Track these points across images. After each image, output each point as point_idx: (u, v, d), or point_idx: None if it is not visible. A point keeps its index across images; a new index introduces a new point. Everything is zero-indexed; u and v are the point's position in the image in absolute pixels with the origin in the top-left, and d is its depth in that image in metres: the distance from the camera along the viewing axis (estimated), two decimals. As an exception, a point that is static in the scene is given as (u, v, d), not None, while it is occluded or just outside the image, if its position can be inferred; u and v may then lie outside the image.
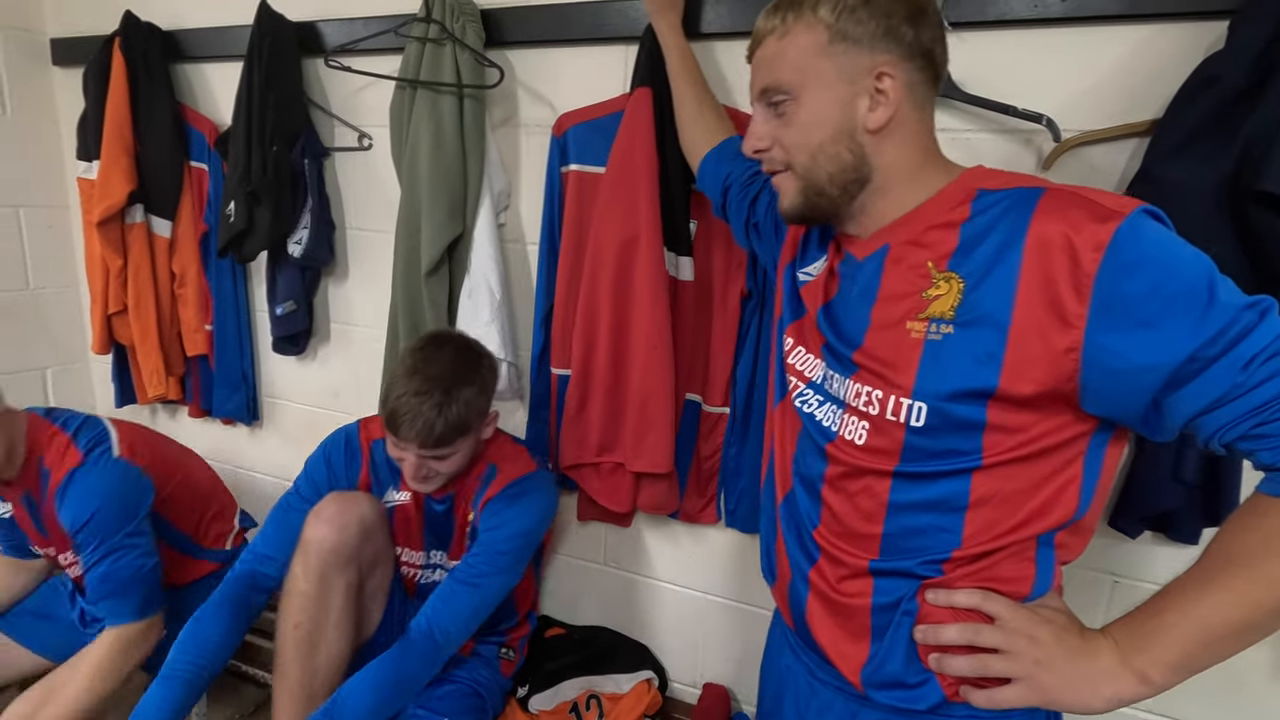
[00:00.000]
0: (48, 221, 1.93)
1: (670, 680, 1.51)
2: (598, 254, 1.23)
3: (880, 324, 0.71)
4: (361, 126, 1.56)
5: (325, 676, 1.15)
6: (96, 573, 1.24)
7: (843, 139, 0.71)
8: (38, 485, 1.29)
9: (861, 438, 0.72)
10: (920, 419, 0.67)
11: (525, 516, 1.21)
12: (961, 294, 0.65)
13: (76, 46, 1.81)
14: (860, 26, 0.68)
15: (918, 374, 0.67)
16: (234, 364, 1.76)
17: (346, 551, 1.15)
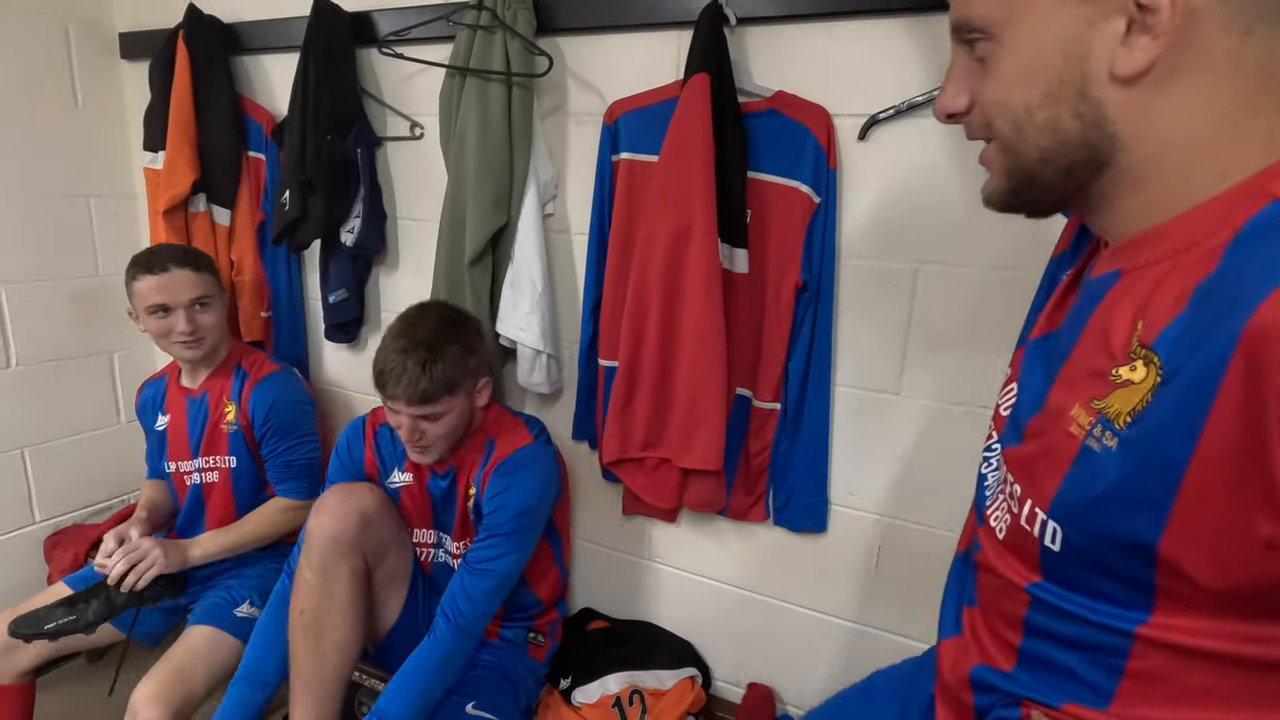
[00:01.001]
0: (115, 210, 2.00)
1: (714, 678, 1.49)
2: (649, 244, 1.21)
3: (1056, 392, 0.53)
4: (413, 115, 1.56)
5: (334, 662, 1.18)
6: (282, 459, 1.54)
7: (1065, 97, 0.47)
8: (228, 385, 1.55)
9: (1002, 531, 0.57)
10: (1056, 543, 0.50)
11: (525, 494, 1.23)
12: (1152, 392, 0.43)
13: (143, 40, 1.86)
14: None
15: (1060, 487, 0.49)
16: (289, 350, 1.80)
17: (347, 540, 1.19)
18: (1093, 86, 0.46)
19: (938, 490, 1.21)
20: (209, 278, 1.51)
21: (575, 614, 1.60)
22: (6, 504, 1.84)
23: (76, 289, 1.93)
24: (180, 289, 1.45)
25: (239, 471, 1.57)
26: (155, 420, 1.62)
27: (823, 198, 1.18)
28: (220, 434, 1.55)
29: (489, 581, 1.20)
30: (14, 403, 1.82)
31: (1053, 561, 0.51)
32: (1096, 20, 0.45)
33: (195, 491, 1.59)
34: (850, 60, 1.14)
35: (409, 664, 1.16)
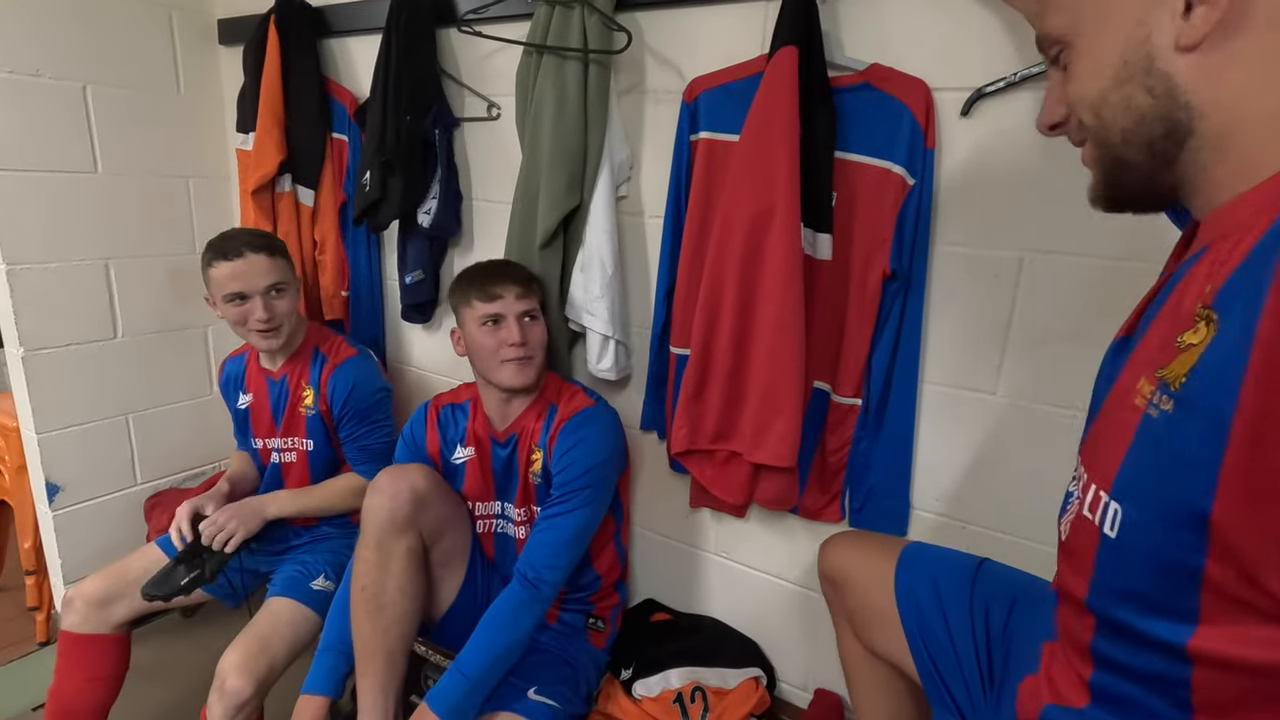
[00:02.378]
0: (212, 191, 2.09)
1: (779, 680, 1.44)
2: (727, 227, 1.15)
3: (1125, 375, 0.53)
4: (490, 96, 1.55)
5: (394, 635, 1.20)
6: (359, 443, 1.56)
7: (1135, 75, 0.49)
8: (306, 369, 1.57)
9: (1065, 533, 0.57)
10: (1114, 527, 0.49)
11: (594, 451, 1.25)
12: (1206, 346, 0.43)
13: (240, 26, 1.92)
14: None
15: (1122, 462, 0.48)
16: (367, 330, 1.84)
17: (400, 518, 1.20)
18: (1159, 61, 0.48)
19: (1033, 500, 1.11)
20: (284, 263, 1.50)
21: (638, 605, 1.58)
22: (112, 467, 1.97)
23: (175, 265, 2.04)
24: (256, 275, 1.44)
25: (316, 454, 1.60)
26: (238, 398, 1.66)
27: (917, 179, 1.09)
28: (299, 417, 1.59)
29: (560, 535, 1.21)
30: (120, 371, 1.94)
31: (1107, 558, 0.50)
32: (1157, 12, 0.48)
33: (274, 470, 1.65)
34: (954, 29, 1.05)
35: (481, 624, 1.17)
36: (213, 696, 1.29)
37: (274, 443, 1.63)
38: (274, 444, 1.63)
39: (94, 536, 1.95)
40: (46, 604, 1.99)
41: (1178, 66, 0.47)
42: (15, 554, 2.07)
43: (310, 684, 1.23)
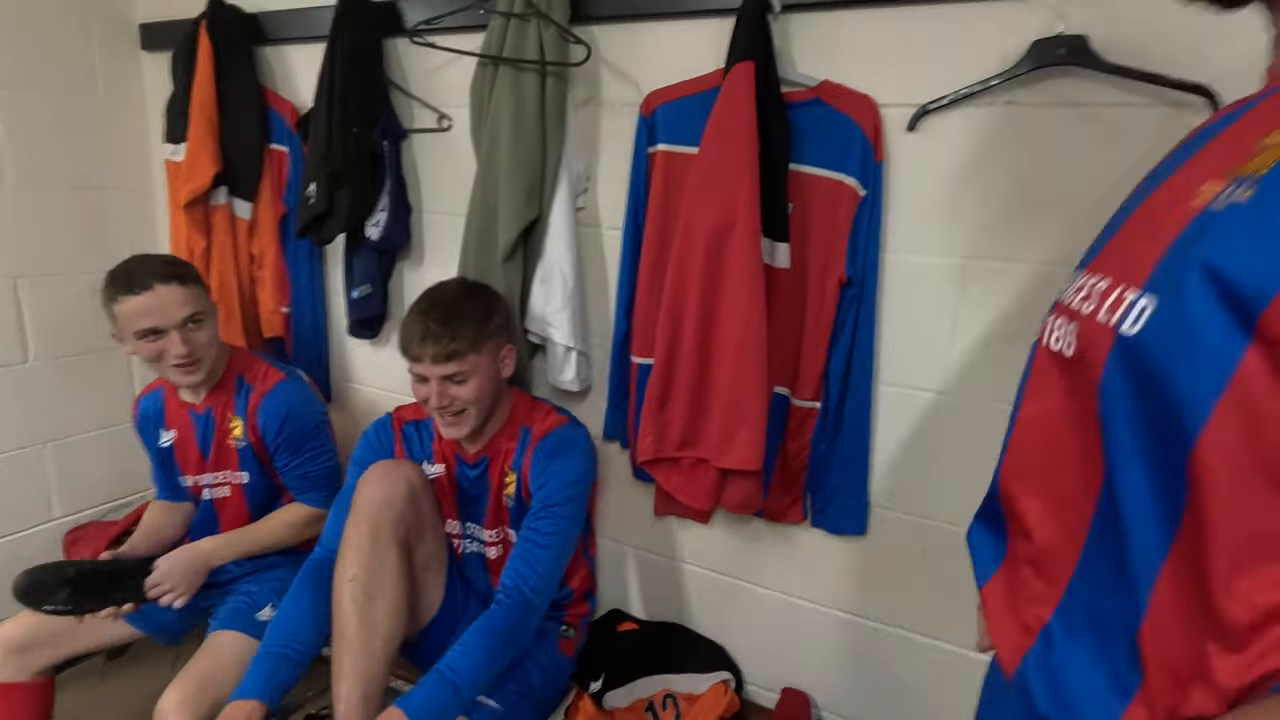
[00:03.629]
0: (134, 203, 1.97)
1: (746, 683, 1.46)
2: (688, 238, 1.17)
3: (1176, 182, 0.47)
4: (440, 107, 1.53)
5: (383, 631, 1.14)
6: (298, 472, 1.48)
7: None
8: (231, 400, 1.47)
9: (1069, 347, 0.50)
10: (1140, 321, 0.42)
11: (571, 466, 1.24)
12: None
13: (163, 31, 1.83)
14: None
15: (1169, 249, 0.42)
16: (310, 346, 1.78)
17: (396, 510, 1.18)
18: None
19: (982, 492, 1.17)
20: (198, 291, 1.38)
21: (604, 615, 1.57)
22: (28, 499, 1.83)
23: (95, 283, 1.90)
24: (170, 308, 1.32)
25: (251, 486, 1.52)
26: (158, 437, 1.53)
27: (869, 191, 1.14)
28: (228, 449, 1.48)
29: (547, 551, 1.19)
30: (35, 397, 1.80)
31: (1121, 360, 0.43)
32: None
33: (208, 507, 1.54)
34: (900, 48, 1.11)
35: (472, 632, 1.12)
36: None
37: (205, 478, 1.53)
38: (205, 480, 1.53)
39: (7, 577, 1.79)
40: (-50, 654, 1.81)
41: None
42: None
43: (242, 689, 1.12)
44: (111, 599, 1.32)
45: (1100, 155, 1.02)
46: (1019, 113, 1.05)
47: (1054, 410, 0.52)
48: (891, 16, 1.10)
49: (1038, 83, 1.03)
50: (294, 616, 1.20)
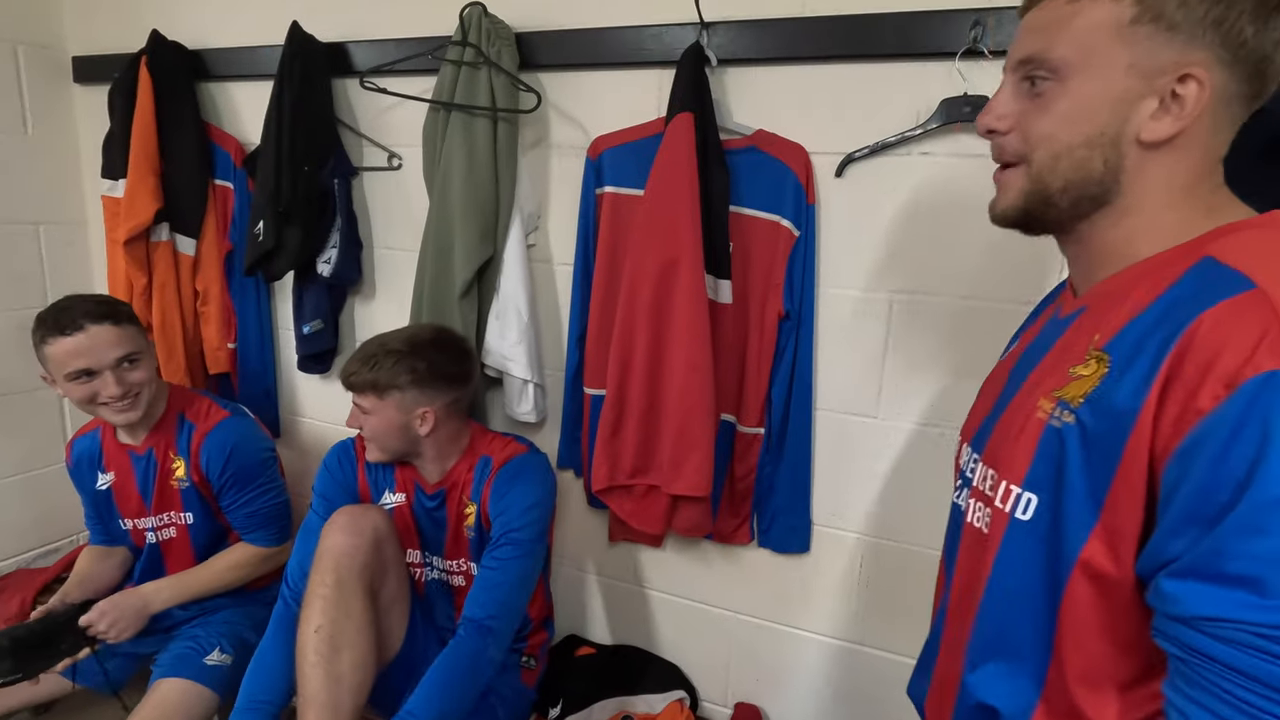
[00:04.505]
0: (67, 238, 1.92)
1: (701, 700, 1.51)
2: (636, 276, 1.24)
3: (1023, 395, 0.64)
4: (391, 146, 1.56)
5: (350, 684, 1.13)
6: (246, 510, 1.46)
7: (1102, 145, 0.57)
8: (173, 439, 1.45)
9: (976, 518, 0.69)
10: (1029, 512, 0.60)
11: (529, 492, 1.26)
12: (1100, 379, 0.54)
13: (98, 64, 1.80)
14: (1183, 9, 0.53)
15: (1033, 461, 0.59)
16: (257, 382, 1.76)
17: (361, 557, 1.18)
18: (1123, 142, 0.57)
19: (917, 508, 1.27)
20: (132, 330, 1.35)
21: (561, 641, 1.59)
22: (-54, 549, 1.74)
23: (24, 320, 1.83)
24: (102, 348, 1.29)
25: (197, 527, 1.49)
26: (95, 479, 1.49)
27: (802, 231, 1.23)
28: (171, 490, 1.45)
29: (509, 578, 1.21)
30: (-45, 442, 1.72)
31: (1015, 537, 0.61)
32: (1143, 93, 0.55)
33: (153, 550, 1.50)
34: (828, 101, 1.20)
35: (433, 671, 1.13)
36: None
37: (146, 522, 1.49)
38: (146, 523, 1.49)
39: (-75, 634, 1.69)
40: None
41: (1130, 152, 0.57)
42: None
43: None
44: (59, 652, 1.28)
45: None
46: (932, 162, 1.16)
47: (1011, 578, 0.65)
48: (820, 72, 1.20)
49: (947, 136, 1.14)
50: (270, 667, 1.18)
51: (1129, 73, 0.55)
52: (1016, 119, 0.61)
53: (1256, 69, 0.54)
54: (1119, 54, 0.55)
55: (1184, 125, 0.54)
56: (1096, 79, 0.56)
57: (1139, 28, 0.54)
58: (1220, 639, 0.47)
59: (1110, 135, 0.57)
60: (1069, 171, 0.58)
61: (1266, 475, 0.44)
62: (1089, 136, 0.57)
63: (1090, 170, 0.58)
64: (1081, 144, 0.57)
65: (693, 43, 1.21)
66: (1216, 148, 0.57)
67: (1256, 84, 0.55)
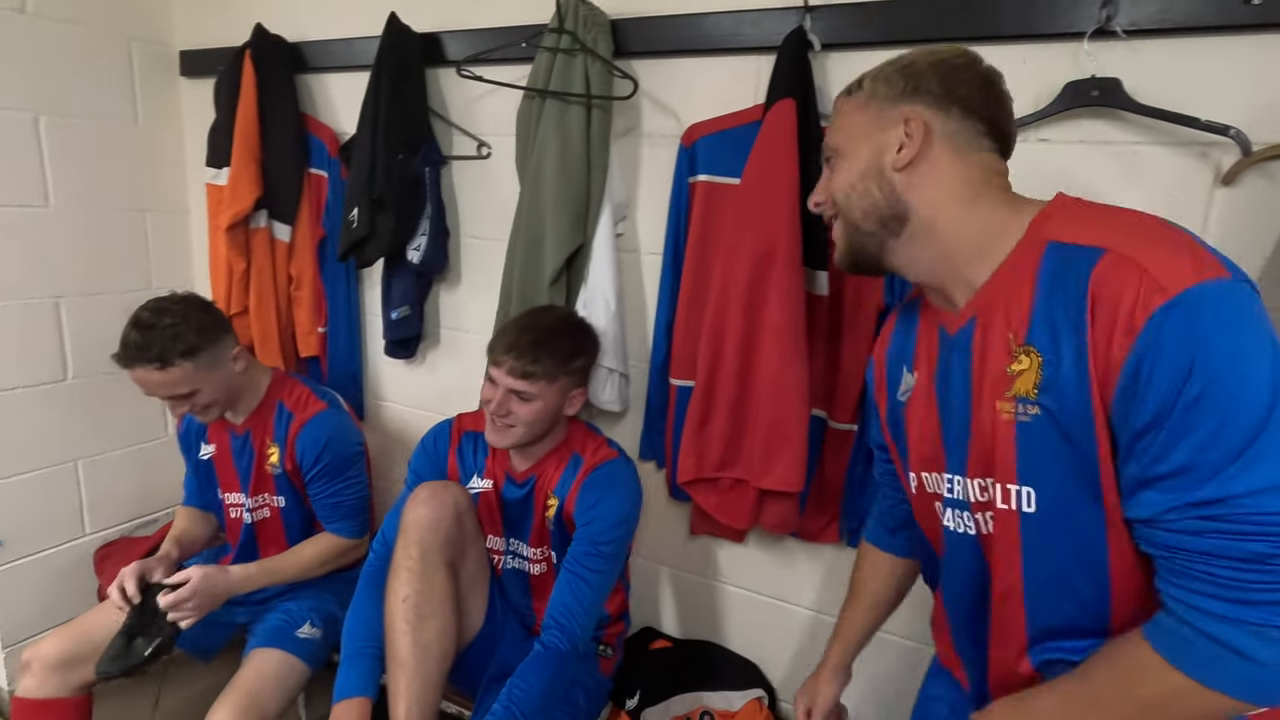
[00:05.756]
0: (169, 225, 2.01)
1: (780, 700, 1.49)
2: (730, 266, 1.22)
3: (977, 407, 0.72)
4: (480, 135, 1.58)
5: (436, 652, 1.16)
6: (331, 500, 1.49)
7: (872, 175, 0.76)
8: (270, 425, 1.48)
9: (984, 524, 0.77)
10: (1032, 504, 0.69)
11: (620, 506, 1.25)
12: (1040, 369, 0.65)
13: (203, 58, 1.88)
14: (889, 86, 0.76)
15: (1018, 457, 0.68)
16: (345, 366, 1.81)
17: (444, 530, 1.20)
18: (886, 172, 0.75)
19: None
20: (179, 371, 1.31)
21: (636, 633, 1.59)
22: (59, 517, 1.85)
23: (130, 303, 1.92)
24: (150, 387, 1.33)
25: (288, 510, 1.54)
26: (199, 449, 1.56)
27: (906, 221, 1.19)
28: (266, 475, 1.50)
29: (592, 590, 1.21)
30: (70, 415, 1.83)
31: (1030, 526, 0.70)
32: (887, 139, 0.75)
33: (248, 530, 1.57)
34: (935, 87, 1.15)
35: (531, 668, 1.15)
36: None
37: (238, 498, 1.55)
38: (241, 500, 1.55)
39: (39, 594, 1.81)
40: (-19, 672, 1.82)
41: (896, 178, 0.75)
42: (-60, 618, 1.89)
43: (346, 687, 1.16)
44: (155, 643, 1.33)
45: (1126, 191, 1.07)
46: (1051, 149, 1.10)
47: None
48: (927, 56, 1.15)
49: (1069, 121, 1.08)
50: (368, 618, 1.22)
51: (872, 128, 0.76)
52: (826, 190, 0.82)
53: (965, 107, 0.73)
54: (862, 120, 0.78)
55: (917, 150, 0.73)
56: (856, 141, 0.78)
57: (870, 104, 0.77)
58: (1175, 530, 0.59)
59: (874, 169, 0.76)
60: (860, 201, 0.77)
61: (1186, 389, 0.56)
62: (861, 174, 0.77)
63: (872, 198, 0.76)
64: (858, 181, 0.77)
65: (795, 27, 1.18)
66: (977, 163, 0.74)
67: (972, 119, 0.74)
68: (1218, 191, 1.02)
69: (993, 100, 0.75)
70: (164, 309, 1.35)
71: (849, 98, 0.81)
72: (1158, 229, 0.63)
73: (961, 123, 0.74)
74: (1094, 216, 0.68)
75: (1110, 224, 0.65)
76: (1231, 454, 0.55)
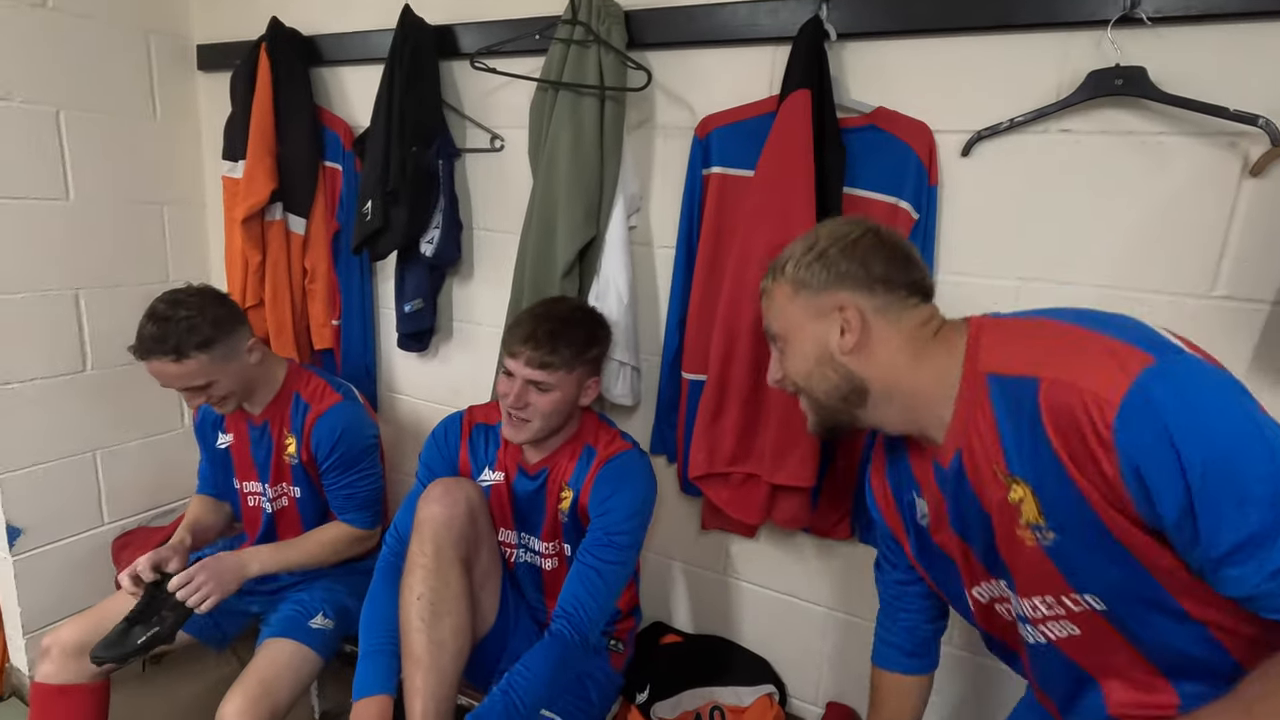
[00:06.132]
0: (186, 218, 2.03)
1: (790, 696, 1.48)
2: (743, 259, 1.20)
3: (1000, 539, 0.77)
4: (494, 128, 1.58)
5: (452, 649, 1.16)
6: (345, 491, 1.50)
7: (825, 361, 0.83)
8: (287, 416, 1.50)
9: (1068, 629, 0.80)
10: (1101, 604, 0.74)
11: (634, 497, 1.25)
12: (1035, 494, 0.70)
13: (220, 52, 1.90)
14: (813, 276, 0.82)
15: (1064, 575, 0.72)
16: (358, 358, 1.82)
17: (457, 528, 1.20)
18: (836, 357, 0.82)
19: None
20: (198, 361, 1.32)
21: (646, 628, 1.59)
22: (77, 506, 1.87)
23: (148, 295, 1.94)
24: (166, 379, 1.35)
25: (304, 500, 1.55)
26: (216, 438, 1.58)
27: (922, 214, 1.17)
28: (284, 465, 1.52)
29: (606, 584, 1.20)
30: (88, 406, 1.85)
31: (1099, 627, 0.75)
32: (830, 328, 0.82)
33: (268, 519, 1.58)
34: (954, 76, 1.14)
35: (536, 655, 1.15)
36: None
37: (255, 487, 1.57)
38: (258, 489, 1.57)
39: (58, 582, 1.83)
40: (1, 657, 1.85)
41: (848, 360, 0.81)
42: (-38, 605, 1.93)
43: (366, 685, 1.16)
44: (165, 624, 1.34)
45: (1150, 182, 1.04)
46: (1072, 139, 1.08)
47: None
48: (947, 45, 1.13)
49: (1091, 111, 1.06)
50: (385, 612, 1.22)
51: (809, 319, 0.83)
52: (782, 370, 0.89)
53: (885, 283, 0.80)
54: (798, 312, 0.84)
55: (858, 335, 0.80)
56: (797, 330, 0.85)
57: (799, 295, 0.84)
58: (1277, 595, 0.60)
59: (825, 356, 0.83)
60: (819, 385, 0.85)
61: (1189, 475, 0.59)
62: (814, 362, 0.84)
63: (830, 380, 0.83)
64: (813, 369, 0.84)
65: (812, 16, 1.16)
66: (910, 322, 0.81)
67: (892, 290, 0.81)
68: (1246, 183, 0.99)
69: (903, 262, 0.82)
70: (179, 301, 1.36)
71: (775, 283, 0.87)
72: (1074, 340, 0.68)
73: (887, 296, 0.81)
74: (1014, 339, 0.74)
75: (1031, 346, 0.71)
76: (1272, 502, 0.58)
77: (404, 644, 1.17)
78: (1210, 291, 1.03)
